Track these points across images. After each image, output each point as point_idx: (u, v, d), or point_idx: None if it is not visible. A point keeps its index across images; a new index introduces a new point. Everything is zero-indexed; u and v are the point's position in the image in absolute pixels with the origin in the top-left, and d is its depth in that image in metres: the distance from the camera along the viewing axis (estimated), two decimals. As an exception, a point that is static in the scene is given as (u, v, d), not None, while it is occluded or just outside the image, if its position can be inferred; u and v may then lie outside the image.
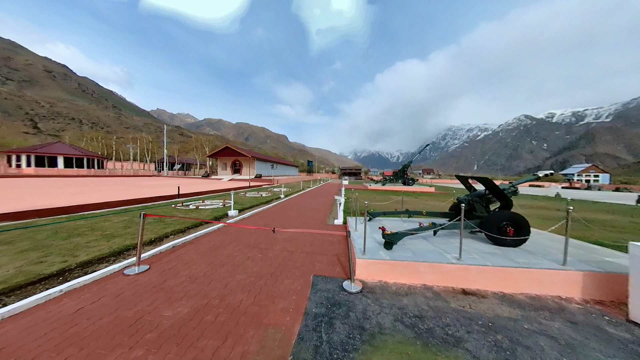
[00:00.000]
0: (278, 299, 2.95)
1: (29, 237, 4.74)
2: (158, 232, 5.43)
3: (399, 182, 29.01)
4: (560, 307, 3.04)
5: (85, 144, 39.73)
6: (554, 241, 4.85)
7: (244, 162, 31.54)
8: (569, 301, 3.19)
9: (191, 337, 2.24)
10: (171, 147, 48.57)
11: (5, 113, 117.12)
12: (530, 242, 4.64)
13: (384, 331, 2.43)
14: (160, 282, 3.30)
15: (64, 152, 27.67)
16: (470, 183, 5.65)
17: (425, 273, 3.50)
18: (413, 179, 29.56)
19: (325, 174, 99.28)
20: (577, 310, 2.96)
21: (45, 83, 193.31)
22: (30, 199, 8.92)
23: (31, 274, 3.25)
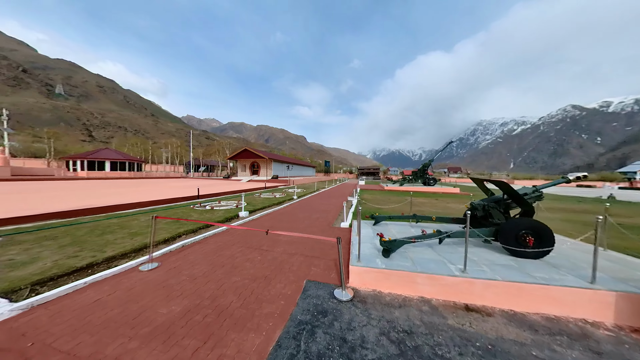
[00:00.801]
0: (266, 303, 3.01)
1: (71, 234, 5.49)
2: (173, 231, 5.89)
3: (419, 182, 27.53)
4: (584, 332, 2.62)
5: (128, 149, 45.17)
6: (586, 253, 4.19)
7: (262, 163, 32.74)
8: (597, 326, 2.73)
9: (177, 336, 2.40)
10: (197, 151, 52.51)
11: (67, 124, 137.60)
12: (557, 254, 4.07)
13: (366, 345, 2.34)
14: (164, 280, 3.58)
15: (110, 157, 31.73)
16: (487, 186, 5.14)
17: (424, 285, 3.28)
18: (434, 178, 27.82)
19: (342, 174, 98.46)
20: (605, 339, 2.52)
21: (98, 97, 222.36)
22: (77, 199, 10.33)
23: (65, 266, 3.76)
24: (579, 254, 4.21)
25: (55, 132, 45.96)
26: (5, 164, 23.73)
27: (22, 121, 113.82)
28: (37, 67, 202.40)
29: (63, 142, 51.58)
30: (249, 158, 32.86)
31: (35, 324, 2.49)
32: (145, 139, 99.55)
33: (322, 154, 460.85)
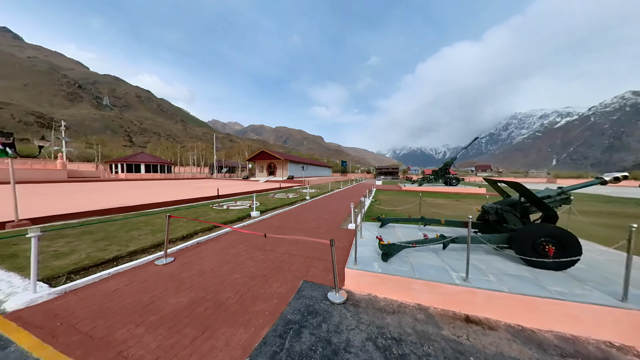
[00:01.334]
0: (260, 300, 3.14)
1: (104, 230, 6.27)
2: (190, 229, 6.40)
3: (440, 182, 25.98)
4: (606, 356, 2.30)
5: (160, 152, 50.09)
6: (621, 264, 3.63)
7: (278, 164, 33.67)
8: (625, 351, 2.37)
9: (180, 325, 2.64)
10: (220, 153, 56.10)
11: (112, 131, 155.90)
12: (586, 265, 3.60)
13: (350, 349, 2.33)
14: (176, 274, 3.93)
15: (145, 160, 35.39)
16: (503, 188, 4.71)
17: (421, 292, 3.14)
18: (457, 178, 26.01)
19: (359, 174, 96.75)
20: (632, 367, 2.19)
21: (137, 106, 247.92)
22: (115, 199, 11.69)
23: (95, 258, 4.33)
24: (612, 265, 3.67)
25: (102, 139, 52.52)
26: (63, 167, 27.72)
27: (77, 130, 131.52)
28: (89, 82, 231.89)
29: (109, 147, 58.73)
30: (266, 159, 34.04)
31: (66, 307, 2.93)
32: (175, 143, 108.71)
33: (339, 153, 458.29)
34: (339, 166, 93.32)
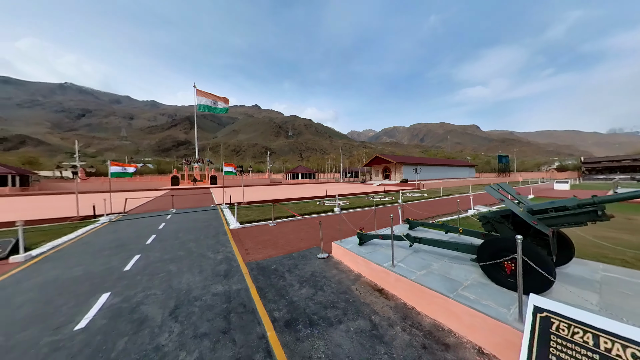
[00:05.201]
0: (294, 245, 6.24)
1: (259, 209, 12.77)
2: (289, 213, 11.06)
3: None
4: (455, 345, 2.60)
5: (310, 164, 71.34)
6: None
7: (392, 167, 33.72)
8: (480, 353, 2.41)
9: (279, 245, 6.52)
10: (347, 160, 67.07)
11: (292, 152, 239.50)
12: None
13: (307, 271, 4.70)
14: (277, 230, 8.18)
15: (301, 170, 53.22)
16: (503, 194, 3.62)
17: (360, 266, 4.46)
18: None
19: (543, 173, 62.16)
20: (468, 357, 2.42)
21: (304, 132, 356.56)
22: (279, 195, 20.64)
23: (255, 218, 9.97)
24: None
25: (287, 158, 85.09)
26: (268, 177, 50.04)
27: (278, 153, 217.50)
28: (282, 123, 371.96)
29: (290, 163, 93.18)
30: (380, 163, 35.64)
31: (240, 232, 8.08)
32: (323, 155, 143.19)
33: (508, 143, 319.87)
34: (494, 163, 67.26)
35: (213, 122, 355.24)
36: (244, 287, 4.04)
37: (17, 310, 3.40)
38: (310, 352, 2.55)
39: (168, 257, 5.55)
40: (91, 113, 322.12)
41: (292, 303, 3.52)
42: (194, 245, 6.45)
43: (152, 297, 3.72)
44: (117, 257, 5.53)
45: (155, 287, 4.06)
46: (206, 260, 5.32)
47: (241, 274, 4.59)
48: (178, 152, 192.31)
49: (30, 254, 5.66)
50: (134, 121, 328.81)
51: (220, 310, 3.34)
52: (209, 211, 12.61)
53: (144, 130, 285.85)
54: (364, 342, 2.68)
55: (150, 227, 8.72)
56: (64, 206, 14.90)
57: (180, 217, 10.85)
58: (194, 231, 8.11)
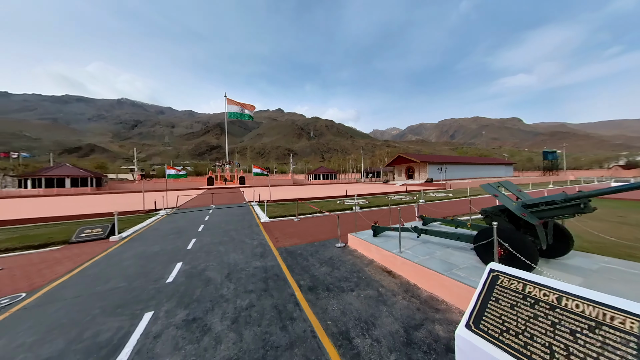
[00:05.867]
0: (317, 236, 7.18)
1: (284, 206, 14.00)
2: (313, 210, 12.03)
3: None
4: (445, 310, 3.22)
5: (331, 164, 72.20)
6: None
7: (416, 167, 32.67)
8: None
9: (303, 235, 7.60)
10: (368, 160, 66.35)
11: (314, 153, 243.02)
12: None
13: (325, 257, 5.60)
14: (301, 224, 9.25)
15: (323, 171, 54.40)
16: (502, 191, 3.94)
17: (373, 253, 5.18)
18: None
19: (603, 171, 53.12)
20: (451, 320, 3.03)
21: (325, 133, 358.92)
22: (302, 194, 21.90)
23: (282, 214, 11.18)
24: None
25: (308, 160, 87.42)
26: (291, 177, 52.19)
27: (300, 155, 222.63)
28: (304, 124, 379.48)
29: (311, 164, 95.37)
30: (403, 163, 34.75)
31: (269, 225, 9.31)
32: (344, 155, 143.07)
33: (559, 137, 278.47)
34: (538, 160, 59.53)
35: (240, 127, 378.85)
36: (276, 264, 5.08)
37: (127, 269, 4.93)
38: (327, 306, 3.41)
39: (216, 241, 6.94)
40: (141, 123, 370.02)
41: (313, 276, 4.42)
42: (234, 233, 7.80)
43: (211, 266, 4.97)
44: (180, 240, 7.11)
45: (211, 260, 5.35)
46: (245, 244, 6.55)
47: (273, 255, 5.66)
48: (211, 156, 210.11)
49: (121, 236, 7.59)
50: (175, 129, 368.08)
51: (260, 277, 4.41)
52: (241, 207, 14.31)
53: (183, 137, 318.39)
54: (370, 304, 3.45)
55: (198, 219, 10.51)
56: (130, 202, 18.18)
57: (219, 212, 12.64)
58: (232, 223, 9.59)
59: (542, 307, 1.86)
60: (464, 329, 2.03)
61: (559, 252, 3.78)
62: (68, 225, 9.82)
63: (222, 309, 3.36)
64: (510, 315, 1.94)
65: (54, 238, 7.33)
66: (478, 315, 2.07)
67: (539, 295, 1.94)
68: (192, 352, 2.56)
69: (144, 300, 3.64)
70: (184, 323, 3.06)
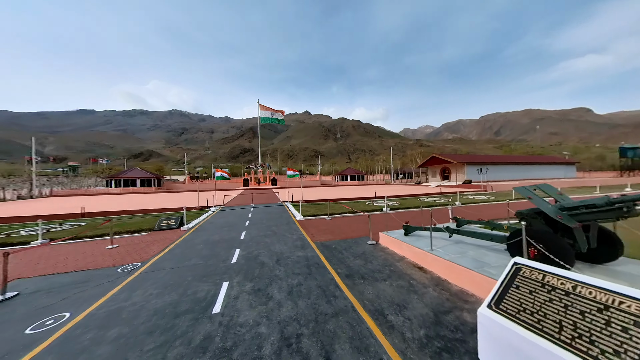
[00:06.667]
0: (347, 233, 7.81)
1: (316, 206, 14.85)
2: (343, 210, 12.62)
3: None
4: (472, 301, 3.53)
5: (359, 165, 71.38)
6: None
7: (452, 168, 30.40)
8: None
9: (335, 231, 8.37)
10: (399, 161, 63.73)
11: (340, 154, 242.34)
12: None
13: (358, 253, 6.19)
14: (332, 222, 9.97)
15: (350, 172, 54.21)
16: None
17: (404, 250, 5.56)
18: None
19: None
20: (471, 308, 3.34)
21: (352, 133, 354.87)
22: (329, 195, 22.64)
23: (313, 213, 12.07)
24: None
25: (334, 161, 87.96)
26: (319, 178, 53.44)
27: (327, 156, 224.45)
28: (331, 125, 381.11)
29: (338, 165, 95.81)
30: (438, 164, 32.65)
31: (304, 222, 10.22)
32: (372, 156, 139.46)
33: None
34: (612, 159, 48.81)
35: (270, 130, 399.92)
36: (315, 254, 5.85)
37: (201, 251, 6.29)
38: (363, 290, 4.00)
39: (262, 234, 8.09)
40: (187, 131, 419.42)
41: (349, 267, 5.04)
42: (276, 229, 8.90)
43: (262, 253, 6.00)
44: (233, 231, 8.48)
45: (261, 248, 6.41)
46: (286, 238, 7.52)
47: (311, 248, 6.46)
48: (244, 158, 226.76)
49: (188, 226, 9.37)
50: (214, 134, 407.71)
51: (304, 264, 5.22)
52: (277, 206, 15.70)
53: (220, 141, 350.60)
54: (402, 292, 3.93)
55: (243, 216, 12.07)
56: (184, 199, 21.38)
57: (259, 210, 14.18)
58: (272, 220, 10.80)
59: (557, 293, 2.17)
60: (486, 309, 2.43)
61: (606, 258, 3.68)
62: (148, 217, 12.33)
63: (277, 285, 4.24)
64: (528, 298, 2.29)
65: (142, 226, 9.45)
66: (499, 299, 2.45)
67: (556, 283, 2.24)
68: (263, 310, 3.44)
69: (219, 274, 4.76)
70: (252, 291, 4.01)
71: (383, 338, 2.81)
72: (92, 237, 8.09)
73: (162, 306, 3.60)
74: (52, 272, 5.19)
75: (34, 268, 5.45)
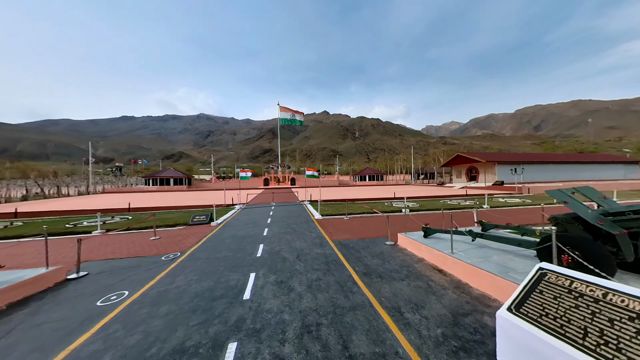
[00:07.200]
0: (365, 233, 7.89)
1: (334, 206, 15.00)
2: (366, 209, 12.61)
3: None
4: (493, 306, 3.46)
5: (378, 165, 69.58)
6: None
7: (480, 167, 28.20)
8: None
9: (354, 231, 8.56)
10: (420, 160, 60.60)
11: (359, 153, 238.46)
12: None
13: (375, 253, 6.27)
14: (350, 222, 10.11)
15: (369, 172, 53.22)
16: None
17: (424, 252, 5.51)
18: None
19: None
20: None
21: (371, 132, 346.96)
22: (349, 195, 22.63)
23: (332, 213, 12.28)
24: None
25: (353, 160, 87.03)
26: (337, 179, 53.43)
27: (345, 156, 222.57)
28: (349, 125, 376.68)
29: (356, 165, 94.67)
30: (464, 163, 30.53)
31: (322, 221, 10.48)
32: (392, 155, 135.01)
33: None
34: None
35: (289, 131, 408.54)
36: (333, 252, 6.06)
37: (229, 245, 6.89)
38: (380, 288, 4.11)
39: (283, 231, 8.53)
40: (212, 133, 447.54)
41: (366, 265, 5.17)
42: (295, 226, 9.29)
43: (283, 249, 6.39)
44: (256, 228, 9.07)
45: (282, 244, 6.81)
46: (306, 235, 7.84)
47: (330, 246, 6.68)
48: (264, 159, 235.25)
49: (217, 222, 10.23)
50: (236, 136, 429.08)
51: (323, 260, 5.47)
52: (296, 205, 16.21)
53: (242, 143, 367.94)
54: (420, 292, 3.96)
55: (265, 213, 12.75)
56: (212, 198, 23.06)
57: (279, 209, 14.81)
58: (292, 218, 11.25)
59: (585, 299, 2.11)
60: (505, 311, 2.43)
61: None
62: (182, 213, 13.65)
63: (298, 278, 4.54)
64: (552, 304, 2.25)
65: (178, 221, 10.54)
66: (520, 302, 2.43)
67: (585, 290, 2.17)
68: (285, 300, 3.76)
69: (247, 265, 5.22)
70: (275, 282, 4.37)
71: (399, 333, 2.92)
72: (138, 230, 9.28)
73: (201, 290, 4.11)
74: (110, 257, 6.15)
75: (96, 253, 6.50)
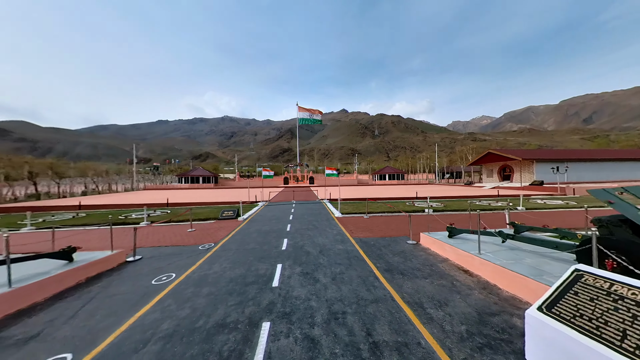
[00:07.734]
0: (386, 232, 7.91)
1: (353, 205, 15.02)
2: (383, 209, 12.49)
3: None
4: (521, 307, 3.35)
5: (399, 163, 67.36)
6: None
7: (515, 166, 25.72)
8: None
9: (373, 228, 8.67)
10: (445, 158, 56.91)
11: (379, 152, 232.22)
12: None
13: (397, 251, 6.31)
14: (369, 221, 10.15)
15: (389, 171, 51.77)
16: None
17: (450, 252, 5.41)
18: None
19: None
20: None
21: (391, 130, 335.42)
22: (367, 195, 22.40)
23: (353, 211, 12.38)
24: None
25: (372, 159, 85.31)
26: (355, 178, 52.88)
27: (364, 154, 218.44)
28: (368, 123, 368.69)
29: (376, 163, 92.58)
30: (496, 161, 28.09)
31: (342, 219, 10.66)
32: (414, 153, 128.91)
33: None
34: None
35: (307, 131, 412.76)
36: (354, 249, 6.23)
37: (256, 238, 7.45)
38: (402, 284, 4.19)
39: (304, 227, 8.91)
40: (235, 134, 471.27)
41: (388, 262, 5.25)
42: (317, 223, 9.61)
43: (307, 244, 6.73)
44: (280, 224, 9.59)
45: (305, 239, 7.15)
46: (327, 232, 8.11)
47: (351, 243, 6.85)
48: (283, 158, 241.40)
49: (243, 217, 11.00)
50: (257, 136, 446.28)
51: (345, 256, 5.67)
52: (316, 204, 16.58)
53: (262, 143, 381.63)
54: (443, 290, 3.97)
55: (287, 211, 13.31)
56: (236, 195, 24.55)
57: (300, 206, 15.31)
58: (313, 215, 11.61)
59: (626, 302, 2.03)
60: (535, 311, 2.41)
61: None
62: (211, 208, 14.86)
63: (322, 271, 4.81)
64: (587, 305, 2.19)
65: (209, 215, 11.54)
66: (552, 303, 2.39)
67: (626, 293, 2.09)
68: (312, 289, 4.05)
69: (273, 257, 5.65)
70: (301, 273, 4.70)
71: (421, 326, 3.02)
72: (176, 222, 10.40)
73: (235, 276, 4.61)
74: (157, 245, 7.06)
75: (146, 241, 7.50)
